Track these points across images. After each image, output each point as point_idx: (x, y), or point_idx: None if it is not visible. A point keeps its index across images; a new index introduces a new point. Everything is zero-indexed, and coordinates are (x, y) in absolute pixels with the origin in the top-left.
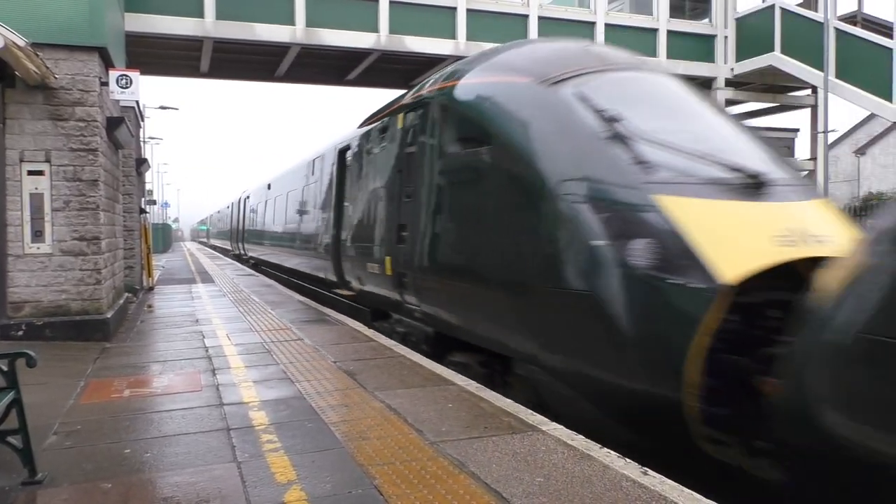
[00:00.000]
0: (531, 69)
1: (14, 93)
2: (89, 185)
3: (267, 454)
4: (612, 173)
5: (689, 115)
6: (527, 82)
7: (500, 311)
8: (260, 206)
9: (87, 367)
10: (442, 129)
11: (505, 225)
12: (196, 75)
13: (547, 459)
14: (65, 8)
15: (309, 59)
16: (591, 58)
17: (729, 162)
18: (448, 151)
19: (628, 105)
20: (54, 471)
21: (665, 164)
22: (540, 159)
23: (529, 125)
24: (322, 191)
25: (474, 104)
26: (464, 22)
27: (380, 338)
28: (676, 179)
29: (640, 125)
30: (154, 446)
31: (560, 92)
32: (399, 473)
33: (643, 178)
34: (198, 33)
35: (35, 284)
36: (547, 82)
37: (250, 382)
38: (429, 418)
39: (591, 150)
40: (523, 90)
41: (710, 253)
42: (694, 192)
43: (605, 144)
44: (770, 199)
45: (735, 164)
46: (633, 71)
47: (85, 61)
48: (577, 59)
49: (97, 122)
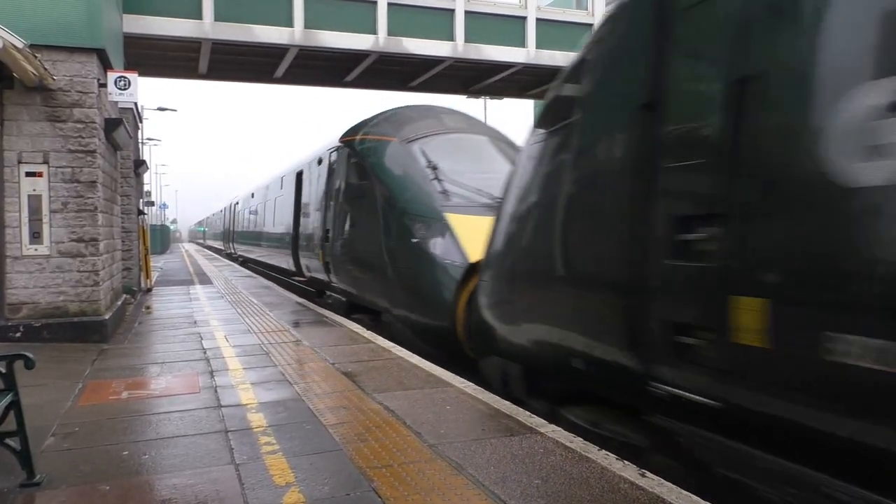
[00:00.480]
0: (397, 132)
1: (12, 94)
2: (87, 187)
3: (265, 456)
4: (428, 200)
5: (482, 162)
6: (394, 141)
7: (374, 285)
8: (245, 211)
9: (86, 368)
10: (347, 167)
11: (376, 230)
12: (194, 77)
13: (545, 461)
14: (63, 9)
15: (307, 61)
16: (438, 124)
17: (488, 192)
18: (349, 182)
19: (447, 156)
20: (52, 473)
21: (455, 194)
22: (394, 190)
23: (392, 169)
24: (287, 202)
25: (363, 153)
26: (462, 24)
27: (378, 339)
28: (459, 203)
29: (449, 170)
30: (152, 448)
31: (411, 148)
32: (397, 476)
33: (442, 203)
34: (196, 35)
35: (33, 286)
36: (405, 142)
37: (248, 384)
38: (427, 420)
39: (420, 185)
40: (391, 146)
41: (466, 245)
42: (466, 211)
43: (428, 182)
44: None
45: (491, 194)
46: (459, 133)
47: (83, 63)
48: (427, 125)
49: (95, 123)
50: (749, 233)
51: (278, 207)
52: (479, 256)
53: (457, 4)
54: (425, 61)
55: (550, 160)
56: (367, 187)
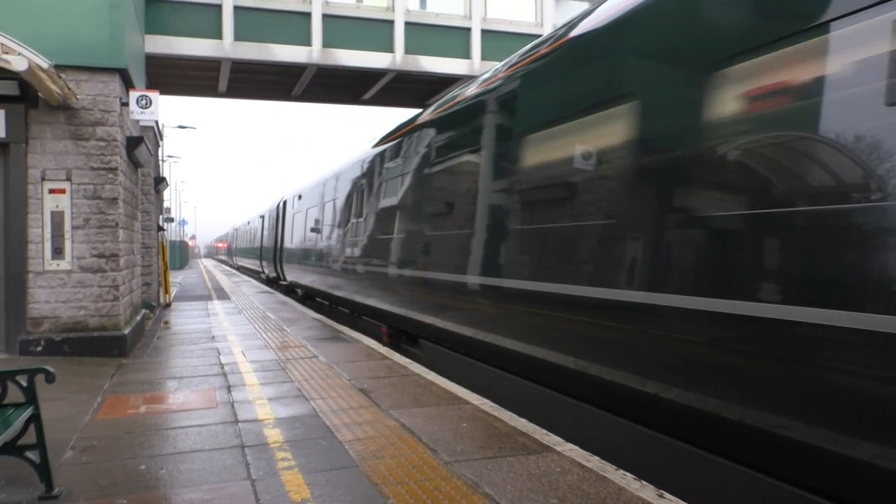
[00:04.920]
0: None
1: (37, 113)
2: (109, 204)
3: (281, 472)
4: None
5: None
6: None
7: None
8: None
9: (104, 382)
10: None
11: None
12: (214, 95)
13: (562, 480)
14: (87, 31)
15: (325, 80)
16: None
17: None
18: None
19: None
20: (71, 486)
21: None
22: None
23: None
24: (277, 224)
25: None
26: (478, 42)
27: (394, 356)
28: None
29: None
30: (169, 462)
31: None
32: (413, 493)
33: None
34: (216, 54)
35: (54, 300)
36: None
37: (265, 400)
38: (443, 437)
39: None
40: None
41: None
42: None
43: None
44: None
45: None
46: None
47: (106, 82)
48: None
49: (117, 141)
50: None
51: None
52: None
53: (473, 23)
54: (442, 79)
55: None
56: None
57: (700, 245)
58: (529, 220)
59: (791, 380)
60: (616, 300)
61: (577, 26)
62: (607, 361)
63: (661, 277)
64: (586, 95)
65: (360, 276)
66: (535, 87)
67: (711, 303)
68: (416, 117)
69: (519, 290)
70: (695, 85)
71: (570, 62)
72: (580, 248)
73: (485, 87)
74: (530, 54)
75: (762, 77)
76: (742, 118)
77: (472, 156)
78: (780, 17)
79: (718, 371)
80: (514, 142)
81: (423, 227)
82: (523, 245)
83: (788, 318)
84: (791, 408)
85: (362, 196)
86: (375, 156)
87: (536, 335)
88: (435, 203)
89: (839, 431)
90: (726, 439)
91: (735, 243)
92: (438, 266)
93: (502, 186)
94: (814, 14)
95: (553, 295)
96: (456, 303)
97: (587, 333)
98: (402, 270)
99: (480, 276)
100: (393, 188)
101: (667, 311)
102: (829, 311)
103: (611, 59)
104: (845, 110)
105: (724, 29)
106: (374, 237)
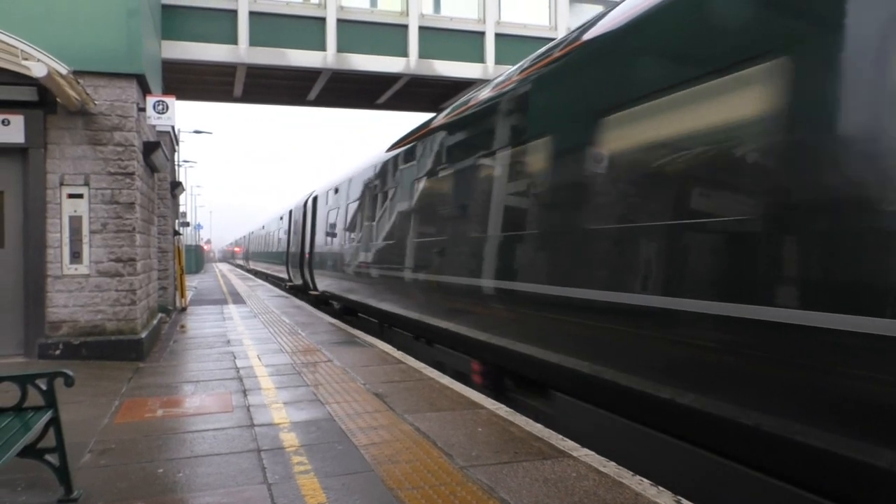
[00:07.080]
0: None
1: (55, 118)
2: (126, 208)
3: (297, 476)
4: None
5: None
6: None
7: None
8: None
9: (122, 386)
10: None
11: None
12: (230, 100)
13: (578, 486)
14: (105, 37)
15: (340, 84)
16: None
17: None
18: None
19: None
20: (89, 489)
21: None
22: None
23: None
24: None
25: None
26: (492, 46)
27: (409, 360)
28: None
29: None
30: (186, 466)
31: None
32: (428, 498)
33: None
34: (232, 59)
35: (73, 304)
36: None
37: (280, 404)
38: (458, 442)
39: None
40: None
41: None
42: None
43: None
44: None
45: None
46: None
47: (123, 88)
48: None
49: (134, 146)
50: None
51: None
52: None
53: (487, 27)
54: (456, 83)
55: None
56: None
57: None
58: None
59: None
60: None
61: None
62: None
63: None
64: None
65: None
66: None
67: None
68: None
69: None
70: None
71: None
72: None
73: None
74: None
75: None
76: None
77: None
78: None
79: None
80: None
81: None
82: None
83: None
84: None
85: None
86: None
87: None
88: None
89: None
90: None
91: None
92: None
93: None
94: None
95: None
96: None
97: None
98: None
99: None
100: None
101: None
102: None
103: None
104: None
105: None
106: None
